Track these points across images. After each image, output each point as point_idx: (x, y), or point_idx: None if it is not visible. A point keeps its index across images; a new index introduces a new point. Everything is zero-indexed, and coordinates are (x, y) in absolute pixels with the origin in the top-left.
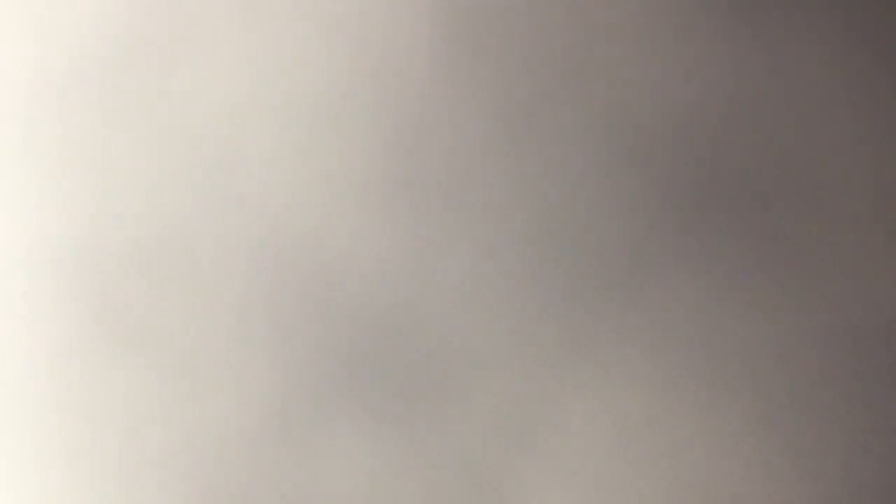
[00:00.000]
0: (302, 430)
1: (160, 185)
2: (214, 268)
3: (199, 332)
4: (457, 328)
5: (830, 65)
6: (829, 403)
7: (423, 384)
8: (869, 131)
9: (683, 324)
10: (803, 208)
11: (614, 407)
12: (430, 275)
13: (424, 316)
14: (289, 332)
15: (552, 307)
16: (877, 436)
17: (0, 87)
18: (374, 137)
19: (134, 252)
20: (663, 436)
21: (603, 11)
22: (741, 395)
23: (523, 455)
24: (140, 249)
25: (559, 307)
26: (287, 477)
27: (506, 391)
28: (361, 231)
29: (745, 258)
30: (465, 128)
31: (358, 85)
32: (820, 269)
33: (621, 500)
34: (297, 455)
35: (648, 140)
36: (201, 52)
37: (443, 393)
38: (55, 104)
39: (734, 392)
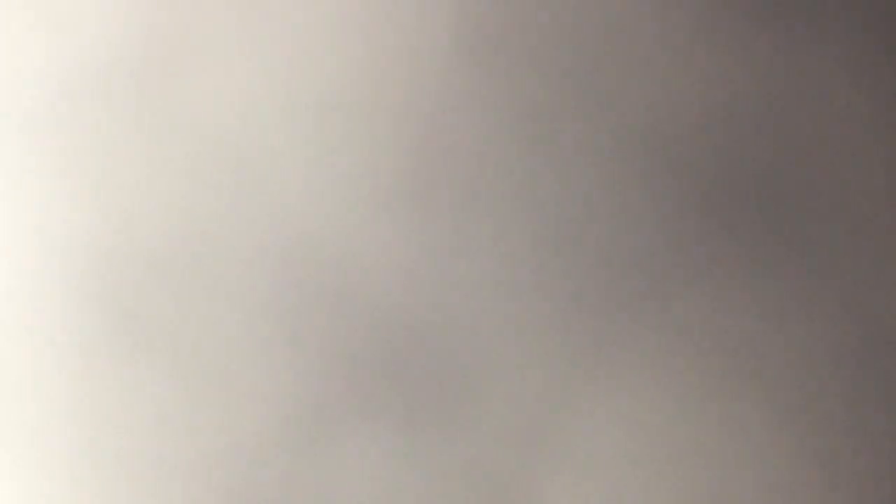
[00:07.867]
0: (316, 435)
1: (175, 189)
2: (230, 271)
3: (214, 336)
4: (470, 334)
5: (851, 69)
6: (845, 410)
7: (436, 389)
8: (891, 135)
9: (698, 329)
10: (821, 215)
11: (629, 412)
12: (445, 280)
13: (438, 321)
14: (303, 337)
15: (566, 313)
16: (894, 441)
17: (16, 91)
18: (390, 143)
19: (149, 256)
20: (677, 441)
21: (620, 19)
22: (756, 401)
23: (537, 460)
24: (155, 253)
25: (573, 313)
26: (301, 482)
27: (519, 397)
28: (377, 238)
29: (760, 264)
30: (479, 133)
31: (374, 90)
32: (837, 275)
33: None
34: (311, 460)
35: (665, 148)
36: (217, 54)
37: (455, 398)
38: (68, 107)
39: (748, 397)
